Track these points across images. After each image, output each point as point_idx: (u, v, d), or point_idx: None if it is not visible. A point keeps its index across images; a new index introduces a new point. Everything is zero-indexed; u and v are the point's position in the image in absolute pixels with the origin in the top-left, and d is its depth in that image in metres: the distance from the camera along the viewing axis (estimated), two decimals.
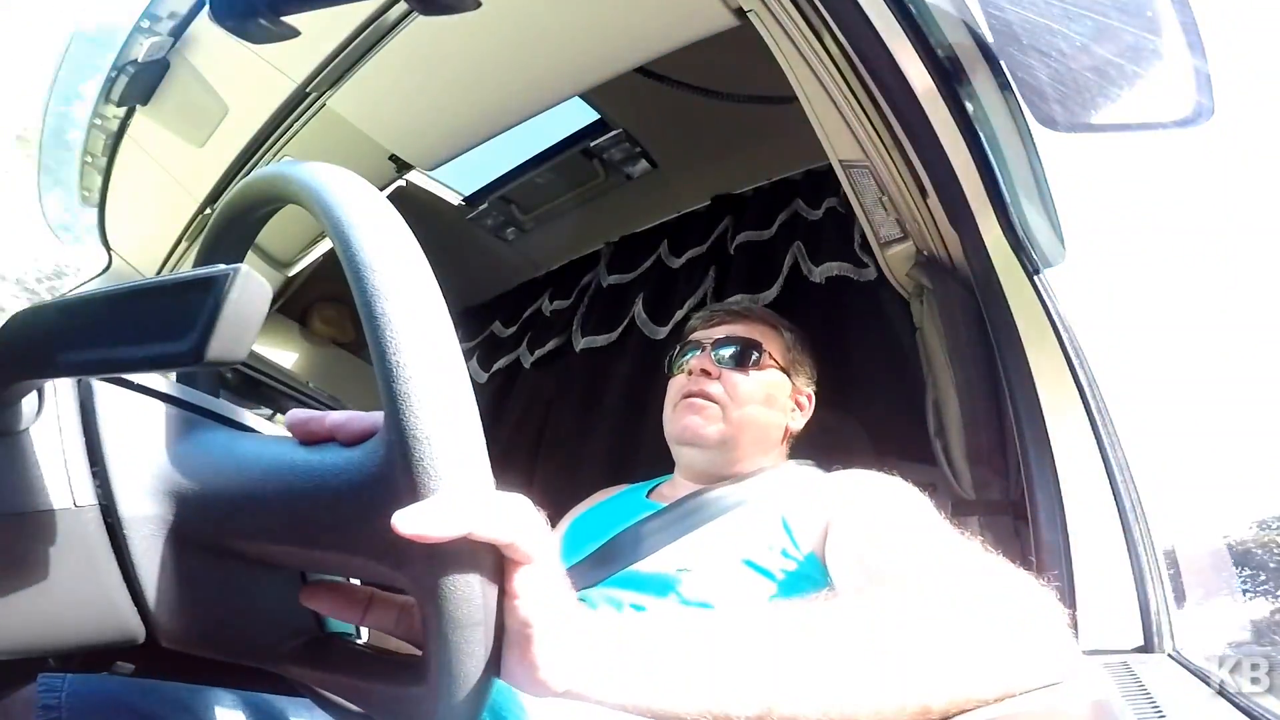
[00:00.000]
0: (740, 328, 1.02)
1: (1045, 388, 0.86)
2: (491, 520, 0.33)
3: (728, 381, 0.96)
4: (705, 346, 1.00)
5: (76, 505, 0.35)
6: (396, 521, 0.31)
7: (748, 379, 0.97)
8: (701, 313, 1.10)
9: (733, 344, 0.99)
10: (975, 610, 0.45)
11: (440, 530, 0.31)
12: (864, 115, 0.96)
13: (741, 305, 1.08)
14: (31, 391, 0.35)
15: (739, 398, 0.95)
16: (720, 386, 0.96)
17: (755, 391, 0.96)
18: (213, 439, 0.39)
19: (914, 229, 1.07)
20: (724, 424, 0.94)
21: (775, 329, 1.04)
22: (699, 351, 1.00)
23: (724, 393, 0.95)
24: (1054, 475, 0.81)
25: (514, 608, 0.35)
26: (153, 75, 1.26)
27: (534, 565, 0.35)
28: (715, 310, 1.08)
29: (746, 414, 0.95)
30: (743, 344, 0.99)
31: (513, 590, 0.35)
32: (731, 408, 0.95)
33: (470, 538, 0.32)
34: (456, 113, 1.33)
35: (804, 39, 0.93)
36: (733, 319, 1.03)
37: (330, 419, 0.36)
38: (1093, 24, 0.90)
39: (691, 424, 0.94)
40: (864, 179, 1.08)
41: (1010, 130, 1.00)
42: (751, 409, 0.95)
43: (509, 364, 1.88)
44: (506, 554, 0.34)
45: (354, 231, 0.33)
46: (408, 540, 0.31)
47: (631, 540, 0.85)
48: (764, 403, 0.97)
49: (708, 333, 1.02)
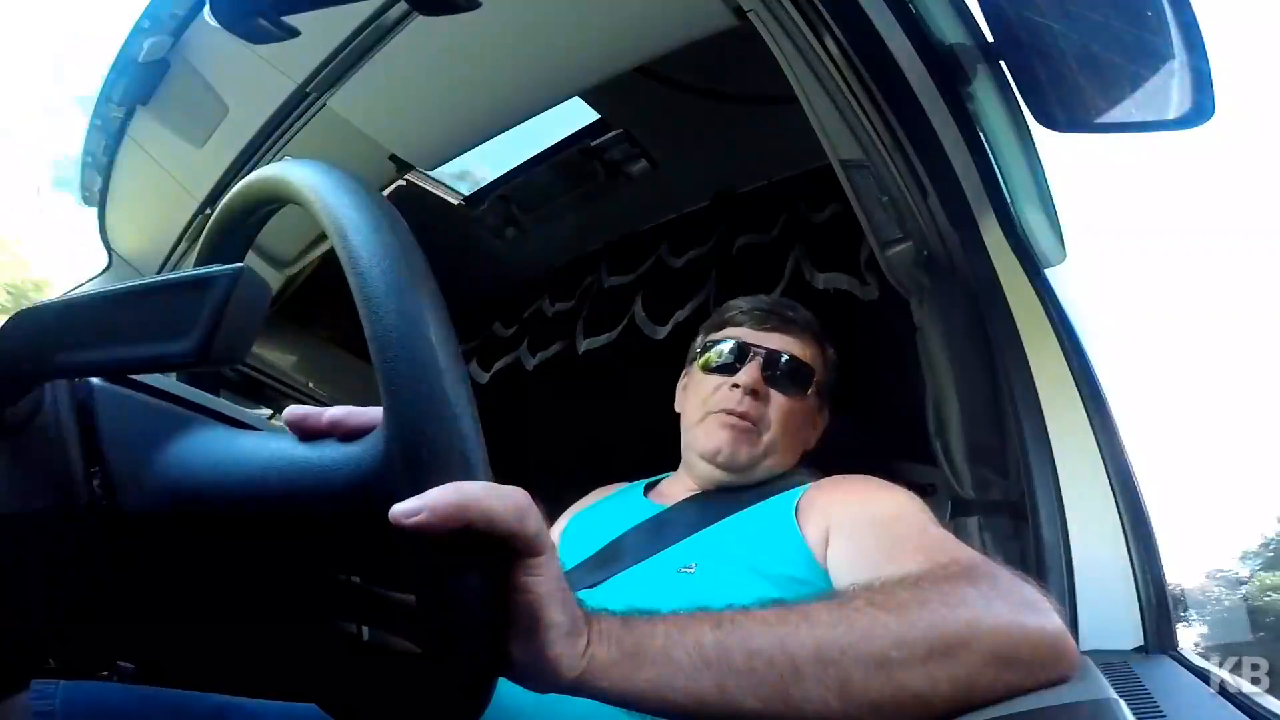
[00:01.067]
0: (796, 345, 0.95)
1: (1045, 387, 0.86)
2: (491, 511, 0.32)
3: (773, 405, 0.91)
4: (756, 355, 0.92)
5: (76, 505, 0.35)
6: (395, 514, 0.31)
7: (794, 405, 0.92)
8: (743, 301, 1.01)
9: (787, 363, 0.93)
10: (975, 611, 0.45)
11: (439, 521, 0.31)
12: (864, 115, 0.96)
13: (795, 311, 0.99)
14: (31, 391, 0.35)
15: (781, 424, 0.91)
16: (763, 409, 0.90)
17: (798, 418, 0.93)
18: (212, 436, 0.39)
19: (914, 229, 1.07)
20: (758, 448, 0.90)
21: (823, 349, 0.99)
22: (748, 358, 0.92)
23: (765, 416, 0.90)
24: (1054, 475, 0.81)
25: (517, 600, 0.35)
26: (153, 75, 1.26)
27: (535, 556, 0.35)
28: (767, 310, 0.98)
29: (780, 439, 0.91)
30: (797, 366, 0.93)
31: (515, 582, 0.35)
32: (769, 432, 0.90)
33: (470, 529, 0.32)
34: (456, 112, 1.33)
35: (804, 38, 0.93)
36: (787, 329, 0.96)
37: (328, 414, 0.36)
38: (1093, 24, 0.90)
39: (727, 446, 0.89)
40: (864, 179, 1.08)
41: (1010, 130, 1.00)
42: (788, 435, 0.92)
43: (510, 364, 1.88)
44: (508, 546, 0.34)
45: (352, 230, 0.34)
46: (407, 534, 0.31)
47: (633, 542, 0.84)
48: (800, 428, 0.94)
49: (760, 337, 0.95)
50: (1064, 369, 0.86)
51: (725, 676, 0.39)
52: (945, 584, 0.47)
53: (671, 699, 0.38)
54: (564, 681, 0.36)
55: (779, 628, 0.41)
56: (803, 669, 0.40)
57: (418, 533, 0.31)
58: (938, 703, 0.41)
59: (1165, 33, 0.81)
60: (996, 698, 0.43)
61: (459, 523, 0.31)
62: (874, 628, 0.42)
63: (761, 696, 0.39)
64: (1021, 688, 0.43)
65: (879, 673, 0.41)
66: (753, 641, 0.40)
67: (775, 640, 0.40)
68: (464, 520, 0.31)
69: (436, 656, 0.33)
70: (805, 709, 0.40)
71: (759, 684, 0.39)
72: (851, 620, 0.43)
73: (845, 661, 0.40)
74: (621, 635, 0.39)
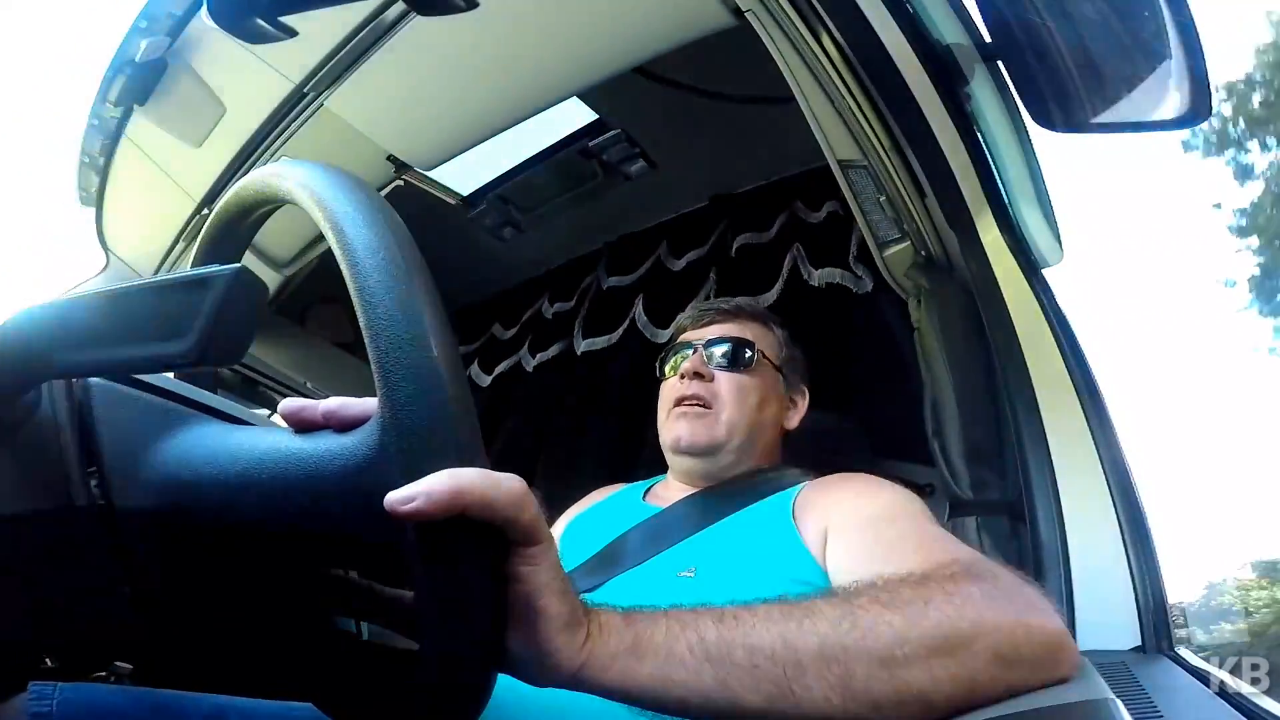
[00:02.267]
0: (732, 326, 0.99)
1: (1043, 387, 0.86)
2: (486, 497, 0.32)
3: (721, 383, 0.94)
4: (696, 347, 0.97)
5: (74, 505, 0.35)
6: (390, 501, 0.30)
7: (741, 380, 0.95)
8: (689, 312, 1.07)
9: (724, 343, 0.97)
10: (978, 610, 0.45)
11: (434, 507, 0.30)
12: (862, 115, 0.96)
13: (731, 303, 1.05)
14: (29, 392, 0.35)
15: (733, 399, 0.93)
16: (713, 388, 0.94)
17: (749, 392, 0.95)
18: (208, 432, 0.39)
19: (912, 229, 1.07)
20: (717, 427, 0.92)
21: (766, 326, 1.02)
22: (690, 352, 0.97)
23: (717, 395, 0.94)
24: (1052, 475, 0.82)
25: (516, 590, 0.34)
26: (150, 75, 1.25)
27: (534, 546, 0.35)
28: (704, 309, 1.04)
29: (740, 416, 0.93)
30: (735, 343, 0.97)
31: (513, 572, 0.34)
32: (725, 410, 0.93)
33: (466, 516, 0.31)
34: (454, 112, 1.33)
35: (802, 38, 0.93)
36: (723, 318, 1.01)
37: (323, 406, 0.36)
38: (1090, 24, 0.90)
39: (685, 432, 0.92)
40: (862, 179, 1.08)
41: (1008, 130, 1.00)
42: (746, 410, 0.94)
43: (511, 367, 1.88)
44: (505, 535, 0.34)
45: (347, 223, 0.34)
46: (403, 524, 0.31)
47: (632, 545, 0.84)
48: (759, 404, 0.95)
49: (699, 333, 1.00)
50: (1062, 369, 0.86)
51: (727, 672, 0.39)
52: (948, 583, 0.47)
53: (673, 694, 0.38)
54: (563, 675, 0.36)
55: (782, 624, 0.41)
56: (805, 665, 0.40)
57: (413, 520, 0.30)
58: (939, 701, 0.41)
59: (1162, 33, 0.82)
60: (998, 697, 0.43)
61: (455, 510, 0.31)
62: (877, 625, 0.42)
63: (764, 692, 0.39)
64: (1023, 687, 0.43)
65: (882, 670, 0.41)
66: (755, 637, 0.40)
67: (778, 636, 0.40)
68: (460, 507, 0.31)
69: (434, 650, 0.33)
70: (807, 706, 0.40)
71: (761, 680, 0.39)
72: (855, 617, 0.42)
73: (848, 658, 0.40)
74: (623, 629, 0.38)
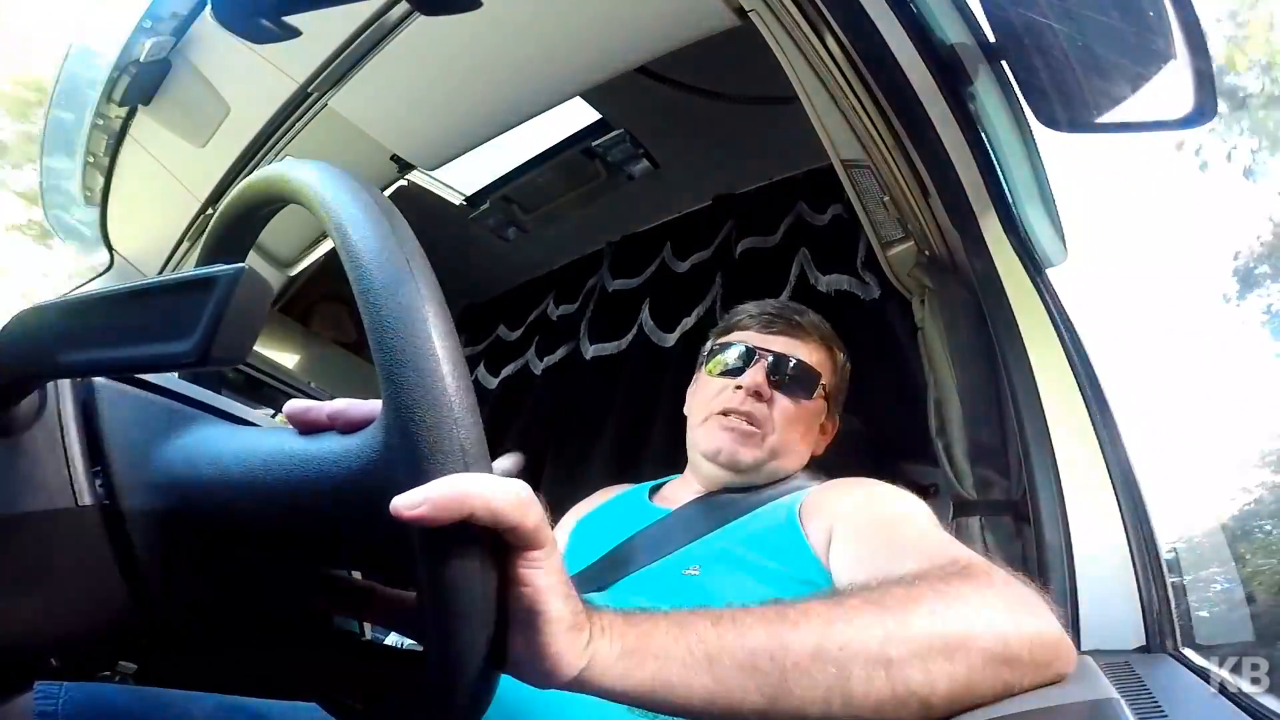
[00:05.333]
0: (803, 349, 0.94)
1: (1047, 387, 0.86)
2: (492, 503, 0.32)
3: (777, 408, 0.90)
4: (761, 358, 0.92)
5: (79, 505, 0.35)
6: (396, 506, 0.31)
7: (799, 410, 0.92)
8: (753, 308, 1.00)
9: (793, 367, 0.92)
10: (973, 610, 0.45)
11: (440, 512, 0.31)
12: (865, 115, 0.96)
13: (805, 316, 0.99)
14: (34, 391, 0.35)
15: (784, 427, 0.90)
16: (765, 410, 0.90)
17: (800, 423, 0.92)
18: (213, 433, 0.39)
19: (915, 229, 1.07)
20: (761, 450, 0.89)
21: (833, 355, 0.98)
22: (753, 361, 0.92)
23: (769, 418, 0.90)
24: (1056, 475, 0.81)
25: (518, 594, 0.35)
26: (154, 75, 1.26)
27: (537, 550, 0.35)
28: (774, 313, 0.98)
29: (785, 444, 0.90)
30: (803, 370, 0.93)
31: (517, 576, 0.34)
32: (773, 435, 0.90)
33: (471, 521, 0.32)
34: (458, 113, 1.33)
35: (805, 38, 0.93)
36: (794, 333, 0.96)
37: (328, 408, 0.36)
38: (1095, 24, 0.90)
39: (728, 448, 0.88)
40: (865, 179, 1.08)
41: (1012, 130, 1.00)
42: (792, 439, 0.91)
43: (518, 370, 1.89)
44: (509, 539, 0.34)
45: (351, 223, 0.34)
46: (408, 526, 0.31)
47: (638, 546, 0.84)
48: (804, 434, 0.93)
49: (766, 340, 0.94)
50: (1066, 368, 0.86)
51: (726, 673, 0.39)
52: (944, 583, 0.48)
53: (673, 696, 0.38)
54: (565, 677, 0.36)
55: (779, 625, 0.41)
56: (803, 666, 0.40)
57: (418, 525, 0.31)
58: (937, 701, 0.42)
59: (1167, 33, 0.81)
60: (995, 697, 0.43)
61: (460, 514, 0.31)
62: (873, 626, 0.42)
63: (763, 694, 0.39)
64: (1019, 687, 0.44)
65: (879, 671, 0.41)
66: (753, 639, 0.40)
67: (775, 637, 0.41)
68: (465, 511, 0.31)
69: (437, 652, 0.33)
70: (806, 706, 0.40)
71: (760, 681, 0.39)
72: (851, 618, 0.43)
73: (845, 659, 0.41)
74: (624, 631, 0.39)
